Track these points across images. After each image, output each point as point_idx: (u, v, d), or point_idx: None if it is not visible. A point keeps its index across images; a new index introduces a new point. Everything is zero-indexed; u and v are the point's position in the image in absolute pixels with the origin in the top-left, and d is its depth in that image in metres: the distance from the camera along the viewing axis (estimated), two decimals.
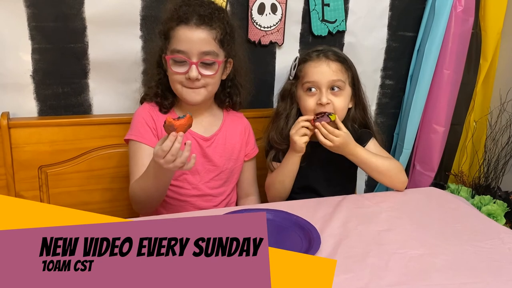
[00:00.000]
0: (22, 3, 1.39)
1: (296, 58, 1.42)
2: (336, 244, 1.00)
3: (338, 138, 1.27)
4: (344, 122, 1.40)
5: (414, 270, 0.92)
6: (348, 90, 1.39)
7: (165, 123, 1.09)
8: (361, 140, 1.39)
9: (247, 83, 1.44)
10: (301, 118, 1.33)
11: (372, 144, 1.42)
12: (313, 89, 1.36)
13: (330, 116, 1.29)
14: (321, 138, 1.28)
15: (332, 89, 1.36)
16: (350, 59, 1.43)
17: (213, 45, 1.25)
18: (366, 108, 1.46)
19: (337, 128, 1.31)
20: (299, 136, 1.31)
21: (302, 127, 1.31)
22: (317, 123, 1.29)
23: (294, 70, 1.41)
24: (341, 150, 1.31)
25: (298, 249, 0.98)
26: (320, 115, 1.30)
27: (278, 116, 1.45)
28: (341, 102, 1.36)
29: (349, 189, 1.49)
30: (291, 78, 1.42)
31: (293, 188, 1.41)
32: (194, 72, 1.24)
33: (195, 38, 1.23)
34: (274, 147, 1.43)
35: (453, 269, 0.93)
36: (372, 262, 0.94)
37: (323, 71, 1.36)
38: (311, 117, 1.31)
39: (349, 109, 1.42)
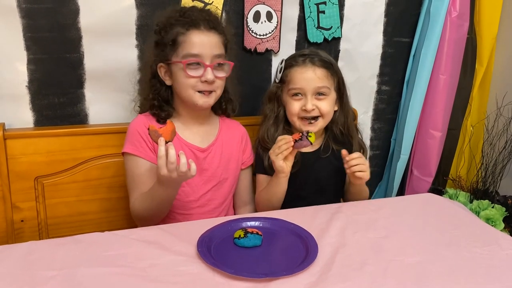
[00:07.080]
0: (18, 14, 1.39)
1: (282, 61, 1.42)
2: (334, 252, 1.00)
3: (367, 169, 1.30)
4: (328, 125, 1.42)
5: (412, 277, 0.92)
6: (333, 95, 1.40)
7: (149, 129, 1.09)
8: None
9: (237, 90, 1.45)
10: (279, 141, 1.24)
11: None
12: (298, 95, 1.37)
13: (309, 138, 1.22)
14: (359, 174, 1.28)
15: (317, 94, 1.36)
16: (336, 63, 1.44)
17: (222, 48, 1.30)
18: (349, 111, 1.46)
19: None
20: (282, 161, 1.24)
21: (283, 150, 1.23)
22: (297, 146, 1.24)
23: (280, 73, 1.41)
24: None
25: (295, 258, 0.97)
26: (299, 138, 1.22)
27: (267, 119, 1.44)
28: (326, 106, 1.37)
29: (337, 199, 1.48)
30: (277, 81, 1.42)
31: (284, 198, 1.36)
32: (210, 75, 1.25)
33: (207, 42, 1.26)
34: (265, 148, 1.39)
35: (451, 275, 0.93)
36: (370, 270, 0.93)
37: (309, 78, 1.36)
38: (291, 141, 1.23)
39: (334, 112, 1.42)
